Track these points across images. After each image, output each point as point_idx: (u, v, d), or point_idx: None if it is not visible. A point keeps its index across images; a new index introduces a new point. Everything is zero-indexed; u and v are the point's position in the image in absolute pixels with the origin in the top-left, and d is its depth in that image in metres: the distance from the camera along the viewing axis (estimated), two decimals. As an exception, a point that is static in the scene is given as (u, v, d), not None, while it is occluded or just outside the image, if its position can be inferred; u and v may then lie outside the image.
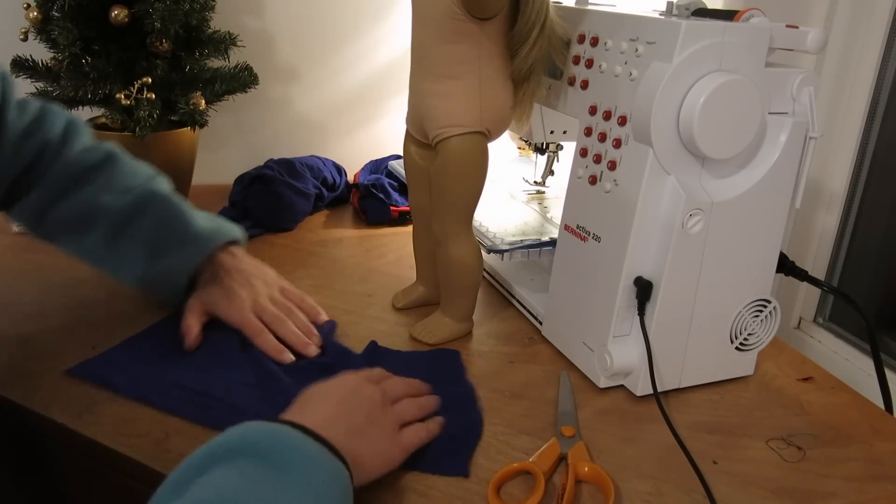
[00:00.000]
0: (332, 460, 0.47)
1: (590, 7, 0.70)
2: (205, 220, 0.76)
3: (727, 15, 0.63)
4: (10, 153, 0.70)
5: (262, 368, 0.68)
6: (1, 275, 0.86)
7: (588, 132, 0.68)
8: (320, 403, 0.54)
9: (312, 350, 0.71)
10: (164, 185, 0.76)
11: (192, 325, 0.72)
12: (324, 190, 1.12)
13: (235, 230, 0.78)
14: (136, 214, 0.72)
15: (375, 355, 0.72)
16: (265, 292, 0.75)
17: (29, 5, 0.93)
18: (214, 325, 0.74)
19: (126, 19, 0.91)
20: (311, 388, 0.56)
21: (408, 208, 0.92)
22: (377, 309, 0.82)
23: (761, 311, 0.69)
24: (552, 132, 0.84)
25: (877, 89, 1.09)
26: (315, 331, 0.74)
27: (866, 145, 1.12)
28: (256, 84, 1.06)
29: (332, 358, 0.71)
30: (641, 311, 0.65)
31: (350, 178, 1.19)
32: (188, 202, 0.76)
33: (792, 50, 0.63)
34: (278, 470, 0.44)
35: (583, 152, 0.69)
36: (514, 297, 0.84)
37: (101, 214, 0.72)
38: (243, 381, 0.66)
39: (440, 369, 0.70)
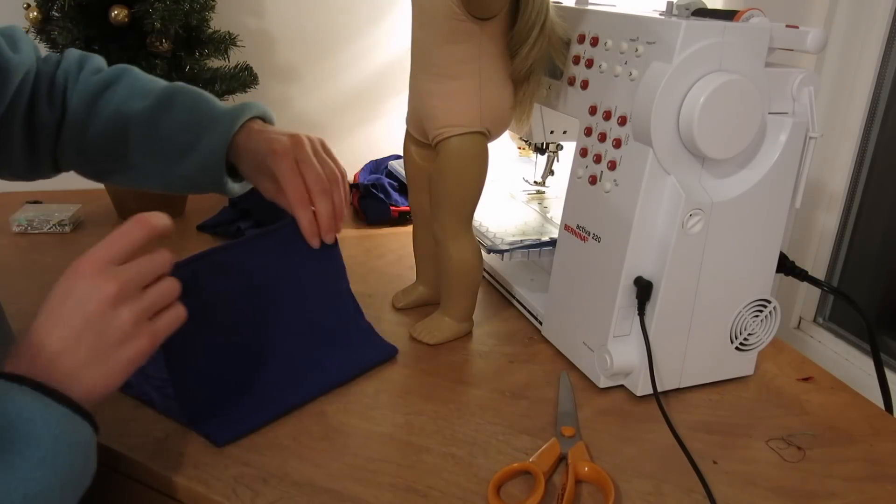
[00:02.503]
0: (66, 420, 0.44)
1: (590, 7, 0.70)
2: (225, 105, 0.73)
3: (727, 15, 0.63)
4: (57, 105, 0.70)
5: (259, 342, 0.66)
6: (1, 275, 0.86)
7: (588, 132, 0.68)
8: (54, 332, 0.46)
9: (331, 238, 0.68)
10: (181, 84, 0.73)
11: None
12: (324, 190, 1.12)
13: (260, 105, 0.72)
14: (163, 111, 0.70)
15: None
16: (307, 141, 0.67)
17: (29, 5, 0.93)
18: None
19: (126, 19, 0.91)
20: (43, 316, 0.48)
21: (408, 208, 0.92)
22: (377, 309, 0.82)
23: (761, 311, 0.69)
24: (552, 132, 0.84)
25: (877, 89, 1.09)
26: (343, 213, 0.69)
27: (866, 145, 1.12)
28: (256, 84, 1.06)
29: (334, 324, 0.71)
30: (641, 311, 0.65)
31: (350, 178, 1.19)
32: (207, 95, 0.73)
33: (792, 50, 0.63)
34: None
35: (583, 152, 0.69)
36: (514, 297, 0.84)
37: (130, 122, 0.70)
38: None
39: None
